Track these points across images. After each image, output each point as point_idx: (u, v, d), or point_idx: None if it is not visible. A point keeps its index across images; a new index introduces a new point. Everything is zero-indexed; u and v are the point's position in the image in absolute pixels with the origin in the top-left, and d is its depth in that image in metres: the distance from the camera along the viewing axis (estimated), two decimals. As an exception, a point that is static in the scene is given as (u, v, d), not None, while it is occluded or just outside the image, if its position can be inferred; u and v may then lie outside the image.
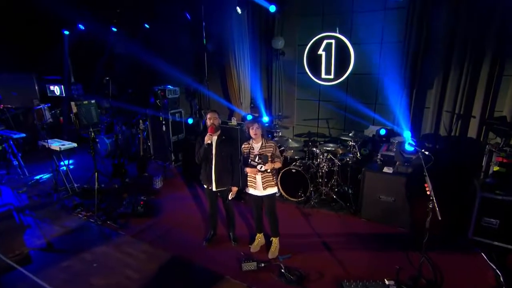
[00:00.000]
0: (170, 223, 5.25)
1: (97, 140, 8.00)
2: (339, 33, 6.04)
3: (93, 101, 5.99)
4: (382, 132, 6.05)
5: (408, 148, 4.75)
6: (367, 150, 6.15)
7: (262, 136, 4.15)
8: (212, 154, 4.27)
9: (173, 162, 7.64)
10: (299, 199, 5.81)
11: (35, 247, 4.60)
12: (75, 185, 6.36)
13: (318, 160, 5.87)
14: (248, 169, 4.14)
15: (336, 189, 5.89)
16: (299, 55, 7.11)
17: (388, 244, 4.61)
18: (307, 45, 6.81)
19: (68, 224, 5.23)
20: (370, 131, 6.40)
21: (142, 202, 5.52)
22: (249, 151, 4.14)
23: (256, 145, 4.14)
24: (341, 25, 6.26)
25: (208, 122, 4.21)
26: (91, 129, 5.40)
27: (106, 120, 8.29)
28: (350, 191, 5.76)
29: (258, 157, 4.01)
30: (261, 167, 4.02)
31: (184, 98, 8.38)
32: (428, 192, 3.49)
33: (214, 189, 4.35)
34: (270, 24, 7.19)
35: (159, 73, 8.29)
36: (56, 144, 6.05)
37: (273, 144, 4.15)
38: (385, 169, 5.02)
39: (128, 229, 5.09)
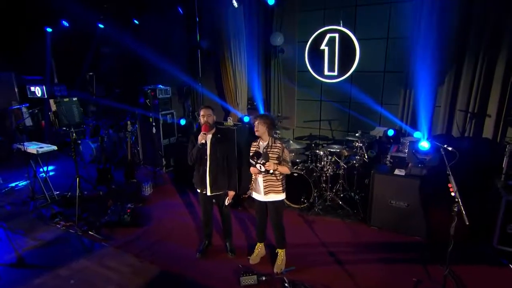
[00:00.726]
0: (160, 233, 4.83)
1: (81, 144, 7.56)
2: (343, 27, 5.74)
3: (74, 99, 5.58)
4: (390, 132, 5.77)
5: (423, 147, 4.41)
6: (374, 152, 5.83)
7: (269, 134, 3.78)
8: (206, 154, 3.91)
9: (164, 168, 7.28)
10: (302, 206, 5.46)
11: (3, 262, 4.13)
12: (55, 193, 5.91)
13: (322, 163, 5.53)
14: (251, 169, 3.78)
15: (341, 195, 5.58)
16: (300, 53, 6.83)
17: (402, 254, 4.25)
18: (308, 41, 6.54)
19: (44, 235, 4.77)
20: (377, 132, 6.09)
21: (129, 210, 5.10)
22: (256, 151, 3.78)
23: (263, 144, 3.79)
24: (345, 19, 5.99)
25: (202, 120, 3.87)
26: (72, 130, 4.97)
27: (91, 123, 7.87)
28: (357, 197, 5.41)
29: (257, 154, 3.63)
30: (260, 166, 3.65)
31: (177, 98, 8.01)
32: (452, 193, 3.14)
33: (208, 193, 3.99)
34: (268, 19, 6.92)
35: (150, 72, 7.98)
36: (33, 147, 5.61)
37: (280, 145, 3.76)
38: (397, 171, 4.71)
39: (112, 240, 4.65)
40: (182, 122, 6.92)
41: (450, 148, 3.39)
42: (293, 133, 7.24)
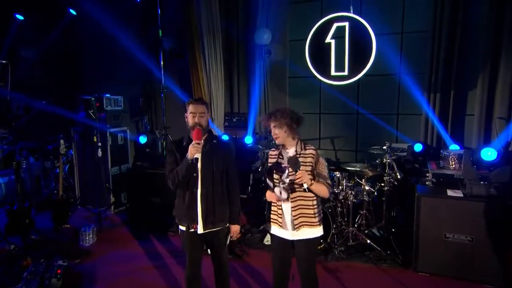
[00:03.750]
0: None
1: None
2: (353, 13, 5.06)
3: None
4: (418, 148, 5.12)
5: (489, 157, 3.60)
6: (400, 173, 4.97)
7: (294, 137, 2.79)
8: (196, 171, 2.81)
9: (112, 207, 6.00)
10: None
11: None
12: None
13: (340, 187, 4.52)
14: (267, 195, 2.83)
15: (366, 230, 4.60)
16: (292, 54, 6.15)
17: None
18: (301, 40, 5.86)
19: None
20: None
21: (59, 271, 3.82)
22: (277, 162, 2.80)
23: (288, 152, 2.80)
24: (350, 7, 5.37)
25: (190, 120, 2.82)
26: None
27: (2, 148, 6.27)
28: (387, 232, 4.50)
29: (277, 167, 2.73)
30: (281, 191, 2.70)
31: (129, 115, 6.78)
32: None
33: (200, 230, 2.84)
34: (251, 13, 6.19)
35: (92, 77, 6.77)
36: None
37: (313, 152, 2.76)
38: (450, 192, 3.90)
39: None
40: (142, 140, 5.66)
41: None
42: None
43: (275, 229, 2.85)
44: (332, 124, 6.12)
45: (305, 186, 2.58)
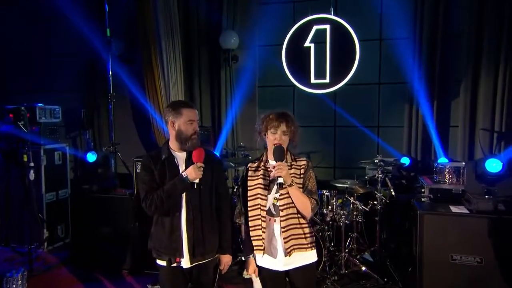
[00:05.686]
0: None
1: None
2: (334, 15, 4.93)
3: None
4: (405, 161, 5.01)
5: (493, 168, 3.51)
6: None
7: (289, 147, 2.53)
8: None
9: (45, 243, 5.21)
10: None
11: None
12: None
13: (329, 207, 4.24)
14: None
15: (358, 256, 4.37)
16: (261, 60, 5.89)
17: None
18: (271, 45, 5.71)
19: None
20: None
21: None
22: (259, 176, 2.47)
23: (274, 163, 2.41)
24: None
25: (189, 129, 2.48)
26: None
27: None
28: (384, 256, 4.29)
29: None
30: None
31: (66, 127, 6.07)
32: None
33: (186, 264, 2.45)
34: (215, 13, 5.85)
35: (20, 84, 5.90)
36: None
37: (305, 163, 2.48)
38: (454, 209, 3.75)
39: None
40: (91, 157, 4.95)
41: None
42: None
43: (261, 259, 2.43)
44: (307, 138, 5.85)
45: (280, 180, 2.26)
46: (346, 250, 4.27)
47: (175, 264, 2.42)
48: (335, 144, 5.78)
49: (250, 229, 2.40)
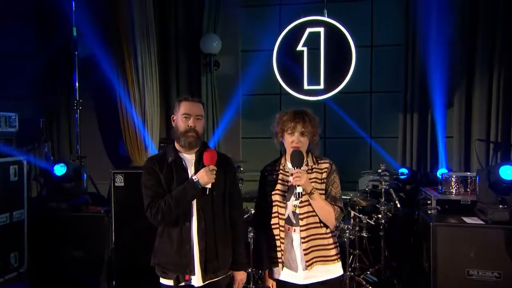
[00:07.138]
0: None
1: None
2: (328, 17, 4.85)
3: None
4: (403, 172, 4.83)
5: (508, 175, 3.46)
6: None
7: (309, 149, 2.40)
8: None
9: None
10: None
11: None
12: None
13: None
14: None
15: (361, 275, 4.17)
16: (245, 66, 5.70)
17: None
18: (257, 50, 5.60)
19: None
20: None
21: None
22: (276, 181, 2.34)
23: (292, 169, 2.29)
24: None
25: (182, 125, 2.29)
26: None
27: None
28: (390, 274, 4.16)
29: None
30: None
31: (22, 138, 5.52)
32: None
33: (198, 283, 2.24)
34: (196, 15, 5.63)
35: None
36: None
37: (327, 166, 2.34)
38: (468, 220, 3.65)
39: None
40: (59, 170, 4.46)
41: None
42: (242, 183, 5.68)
43: (279, 273, 2.28)
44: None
45: (299, 189, 2.11)
46: (350, 269, 4.05)
47: (183, 284, 2.17)
48: (325, 155, 5.63)
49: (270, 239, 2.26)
